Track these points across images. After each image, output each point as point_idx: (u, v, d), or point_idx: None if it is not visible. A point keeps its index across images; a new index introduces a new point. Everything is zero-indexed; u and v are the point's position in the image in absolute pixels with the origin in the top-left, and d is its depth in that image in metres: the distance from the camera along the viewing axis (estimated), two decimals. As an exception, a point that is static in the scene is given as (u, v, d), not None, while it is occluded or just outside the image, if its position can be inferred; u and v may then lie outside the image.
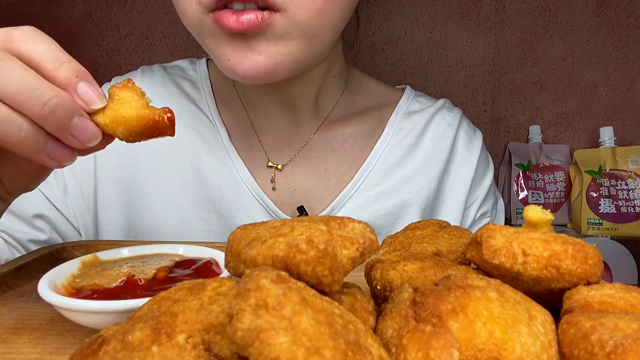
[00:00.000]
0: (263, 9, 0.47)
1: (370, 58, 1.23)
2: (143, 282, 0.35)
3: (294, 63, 0.52)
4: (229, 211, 0.64)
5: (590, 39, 1.23)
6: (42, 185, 0.56)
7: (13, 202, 0.44)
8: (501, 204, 0.76)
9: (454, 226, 0.45)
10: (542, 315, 0.27)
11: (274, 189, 0.65)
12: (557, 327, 0.28)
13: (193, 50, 1.19)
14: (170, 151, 0.65)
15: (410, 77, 1.23)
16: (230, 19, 0.47)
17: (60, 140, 0.34)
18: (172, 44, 1.19)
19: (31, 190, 0.42)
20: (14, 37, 0.33)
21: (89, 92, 0.34)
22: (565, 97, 1.26)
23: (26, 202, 0.61)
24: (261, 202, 0.64)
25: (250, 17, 0.46)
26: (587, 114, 1.26)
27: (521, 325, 0.25)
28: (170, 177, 0.65)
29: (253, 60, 0.49)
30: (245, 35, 0.49)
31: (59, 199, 0.64)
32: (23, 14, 1.17)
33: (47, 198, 0.63)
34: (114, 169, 0.65)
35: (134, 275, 0.35)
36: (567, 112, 1.26)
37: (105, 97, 0.36)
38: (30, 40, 0.33)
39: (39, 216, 0.63)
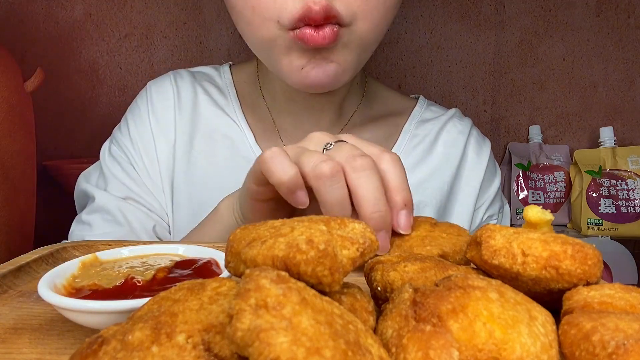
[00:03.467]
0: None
1: (371, 58, 1.22)
2: (143, 282, 0.35)
3: (354, 70, 0.59)
4: None
5: (590, 39, 1.23)
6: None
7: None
8: (507, 209, 0.79)
9: (446, 223, 0.45)
10: (543, 316, 0.27)
11: None
12: (557, 327, 0.28)
13: (193, 50, 1.19)
14: (209, 159, 0.70)
15: (410, 77, 1.23)
16: (314, 35, 0.52)
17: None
18: (172, 44, 1.19)
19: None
20: (383, 159, 0.43)
21: (406, 222, 0.43)
22: (565, 97, 1.26)
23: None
24: None
25: (327, 31, 0.52)
26: (587, 114, 1.26)
27: (521, 326, 0.25)
28: (211, 183, 0.69)
29: (326, 68, 0.56)
30: (319, 48, 0.54)
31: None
32: (23, 14, 1.17)
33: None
34: (181, 181, 0.70)
35: (132, 278, 0.35)
36: (567, 112, 1.26)
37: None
38: (389, 164, 0.43)
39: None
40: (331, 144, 0.45)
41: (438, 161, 0.72)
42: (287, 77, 0.58)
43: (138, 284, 0.34)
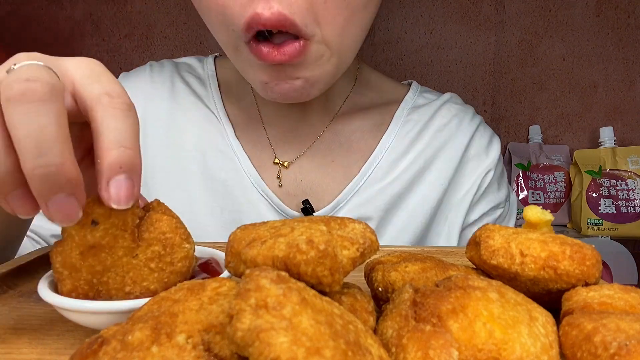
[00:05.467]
0: (296, 37, 0.49)
1: (370, 58, 1.23)
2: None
3: (328, 82, 0.55)
4: (234, 205, 0.65)
5: (590, 39, 1.23)
6: None
7: None
8: (514, 197, 0.75)
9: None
10: (543, 316, 0.27)
11: (280, 185, 0.66)
12: (558, 328, 0.28)
13: (193, 50, 1.19)
14: (177, 147, 0.67)
15: (410, 77, 1.23)
16: (272, 52, 0.48)
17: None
18: (172, 44, 1.19)
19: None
20: (101, 101, 0.30)
21: (118, 192, 0.29)
22: (565, 97, 1.26)
23: None
24: (266, 196, 0.65)
25: (290, 48, 0.48)
26: (587, 114, 1.26)
27: (521, 326, 0.25)
28: (176, 172, 0.66)
29: (291, 84, 0.52)
30: (283, 64, 0.50)
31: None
32: (24, 14, 1.17)
33: None
34: (149, 172, 0.66)
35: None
36: (567, 112, 1.26)
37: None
38: (108, 110, 0.29)
39: None
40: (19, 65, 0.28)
41: (431, 149, 0.68)
42: (255, 88, 0.56)
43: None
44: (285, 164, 0.66)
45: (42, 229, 0.63)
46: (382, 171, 0.67)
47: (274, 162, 0.66)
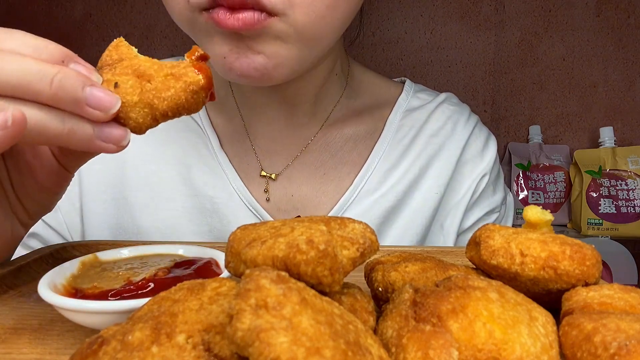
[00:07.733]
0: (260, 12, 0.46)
1: (371, 58, 1.23)
2: (142, 282, 0.34)
3: (294, 66, 0.51)
4: (222, 223, 0.62)
5: (590, 39, 1.23)
6: None
7: None
8: (510, 199, 0.73)
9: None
10: (543, 316, 0.27)
11: (267, 199, 0.62)
12: (558, 328, 0.28)
13: (193, 50, 1.19)
14: (159, 161, 0.63)
15: (410, 78, 1.22)
16: (227, 16, 0.45)
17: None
18: (172, 44, 1.19)
19: (50, 209, 0.43)
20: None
21: (81, 70, 0.33)
22: (565, 97, 1.26)
23: None
24: (256, 213, 0.62)
25: (246, 15, 0.44)
26: (587, 114, 1.26)
27: (521, 326, 0.25)
28: (159, 189, 0.62)
29: (252, 59, 0.48)
30: (242, 35, 0.47)
31: (50, 215, 0.61)
32: (23, 14, 1.17)
33: None
34: (99, 180, 0.63)
35: (132, 281, 0.35)
36: (567, 112, 1.26)
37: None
38: (7, 38, 0.32)
39: (33, 235, 0.62)
40: None
41: (426, 155, 0.65)
42: (215, 67, 0.51)
43: (139, 284, 0.34)
44: (273, 176, 0.63)
45: (15, 255, 0.58)
46: (375, 182, 0.64)
47: (260, 175, 0.63)
